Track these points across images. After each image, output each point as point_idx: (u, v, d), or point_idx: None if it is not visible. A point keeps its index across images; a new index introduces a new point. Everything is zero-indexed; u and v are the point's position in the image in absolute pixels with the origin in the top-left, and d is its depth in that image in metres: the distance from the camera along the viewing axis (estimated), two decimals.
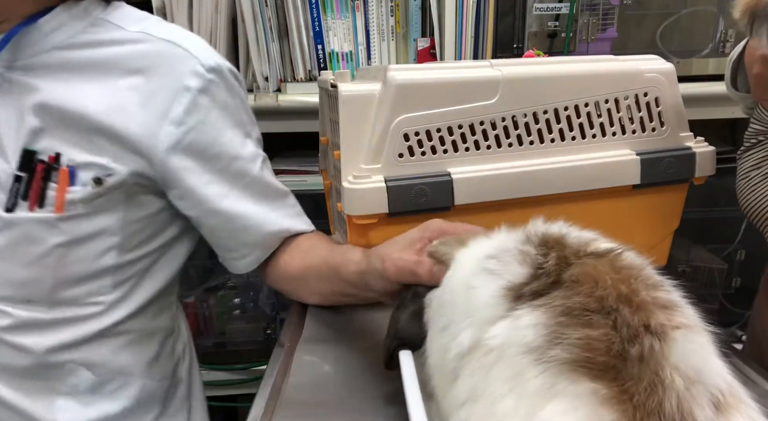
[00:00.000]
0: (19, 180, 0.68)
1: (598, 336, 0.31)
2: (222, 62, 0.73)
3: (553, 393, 0.30)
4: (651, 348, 0.30)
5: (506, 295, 0.36)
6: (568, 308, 0.32)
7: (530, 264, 0.37)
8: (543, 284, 0.35)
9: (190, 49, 0.71)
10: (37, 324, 0.71)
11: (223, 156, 0.73)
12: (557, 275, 0.35)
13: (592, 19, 1.31)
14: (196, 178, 0.72)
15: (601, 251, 0.37)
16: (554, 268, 0.36)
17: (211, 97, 0.71)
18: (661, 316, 0.31)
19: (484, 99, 0.71)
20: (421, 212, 0.71)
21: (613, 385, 0.29)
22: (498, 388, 0.32)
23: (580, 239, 0.39)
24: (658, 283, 0.34)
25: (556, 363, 0.30)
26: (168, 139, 0.69)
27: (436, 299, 0.46)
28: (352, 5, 1.41)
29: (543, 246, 0.38)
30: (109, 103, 0.69)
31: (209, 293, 1.50)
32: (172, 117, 0.69)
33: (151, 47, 0.71)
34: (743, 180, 0.76)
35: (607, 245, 0.38)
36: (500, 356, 0.33)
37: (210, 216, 0.75)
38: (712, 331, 0.34)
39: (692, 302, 0.35)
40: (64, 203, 0.68)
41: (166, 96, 0.69)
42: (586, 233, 0.41)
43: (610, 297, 0.32)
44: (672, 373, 0.29)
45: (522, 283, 0.36)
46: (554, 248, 0.38)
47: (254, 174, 0.75)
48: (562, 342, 0.31)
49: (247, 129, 0.77)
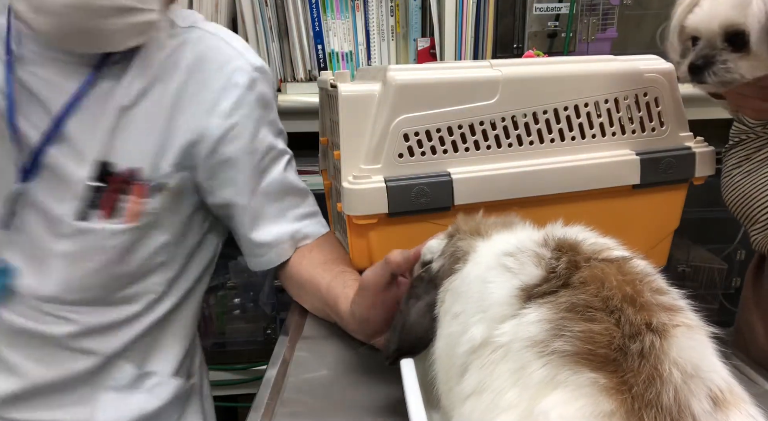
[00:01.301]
0: (96, 190, 0.69)
1: (600, 330, 0.31)
2: (264, 63, 0.77)
3: (555, 384, 0.31)
4: (651, 344, 0.30)
5: (519, 295, 0.37)
6: (573, 305, 0.33)
7: (544, 267, 0.38)
8: (552, 286, 0.36)
9: (238, 48, 0.75)
10: (101, 327, 0.73)
11: (257, 151, 0.75)
12: (566, 277, 0.36)
13: (592, 19, 1.31)
14: (234, 171, 0.74)
15: (611, 257, 0.38)
16: (564, 271, 0.37)
17: (256, 94, 0.74)
18: (664, 316, 0.32)
19: (484, 99, 0.71)
20: (421, 212, 0.71)
21: (612, 376, 0.30)
22: (503, 381, 0.33)
23: (595, 246, 0.40)
24: (663, 289, 0.35)
25: (558, 355, 0.31)
26: (216, 131, 0.72)
27: (452, 289, 0.47)
28: (352, 5, 1.41)
29: (558, 250, 0.39)
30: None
31: (209, 293, 1.50)
32: (221, 110, 0.72)
33: (202, 41, 0.74)
34: (726, 178, 0.79)
35: (619, 253, 0.38)
36: (507, 351, 0.34)
37: (236, 210, 0.77)
38: (714, 333, 0.34)
39: (692, 302, 0.36)
40: (136, 213, 0.71)
41: (216, 90, 0.72)
42: (603, 239, 0.42)
43: (615, 297, 0.33)
44: (671, 367, 0.30)
45: (534, 284, 0.37)
46: (568, 252, 0.38)
47: (279, 171, 0.78)
48: (564, 335, 0.32)
49: (279, 127, 0.81)
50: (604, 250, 0.39)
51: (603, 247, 0.40)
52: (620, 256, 0.38)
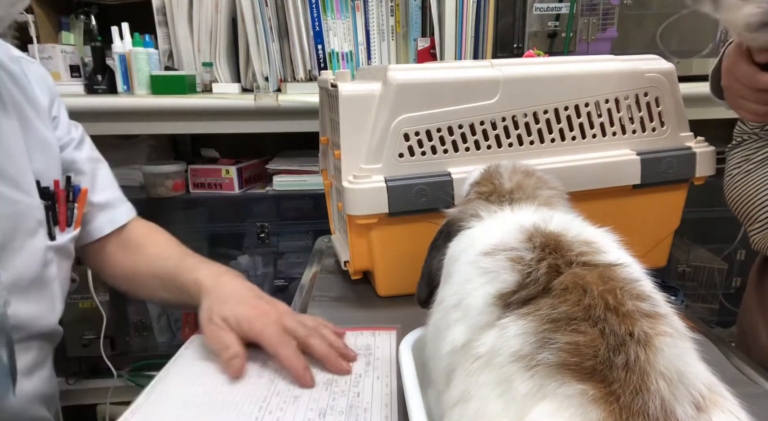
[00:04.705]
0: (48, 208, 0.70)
1: (586, 342, 0.32)
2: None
3: (541, 395, 0.31)
4: (636, 356, 0.31)
5: (496, 303, 0.37)
6: (556, 317, 0.33)
7: (520, 272, 0.37)
8: (531, 292, 0.36)
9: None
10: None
11: None
12: (546, 283, 0.36)
13: (592, 19, 1.31)
14: None
15: (593, 262, 0.37)
16: (544, 277, 0.36)
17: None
18: (645, 324, 0.32)
19: (485, 99, 0.71)
20: (421, 211, 0.71)
21: (600, 386, 0.30)
22: (487, 392, 0.34)
23: (582, 247, 0.39)
24: (644, 295, 0.35)
25: (544, 366, 0.31)
26: None
27: (444, 266, 0.47)
28: (352, 5, 1.41)
29: (541, 249, 0.38)
30: None
31: None
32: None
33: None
34: (728, 177, 0.79)
35: (605, 258, 0.38)
36: (488, 362, 0.35)
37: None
38: (699, 337, 0.35)
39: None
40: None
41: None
42: (597, 236, 0.41)
43: (598, 307, 0.33)
44: (657, 378, 0.30)
45: (510, 292, 0.37)
46: (551, 254, 0.38)
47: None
48: (550, 347, 0.32)
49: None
50: (589, 253, 0.38)
51: (590, 249, 0.39)
52: (602, 261, 0.37)
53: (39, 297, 0.68)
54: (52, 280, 0.70)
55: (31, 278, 0.67)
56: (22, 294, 0.65)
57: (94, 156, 0.80)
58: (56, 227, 0.70)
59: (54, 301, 0.70)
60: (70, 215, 0.72)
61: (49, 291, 0.69)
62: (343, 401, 0.54)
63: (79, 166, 0.76)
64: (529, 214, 0.46)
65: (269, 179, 1.47)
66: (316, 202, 1.45)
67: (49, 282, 0.69)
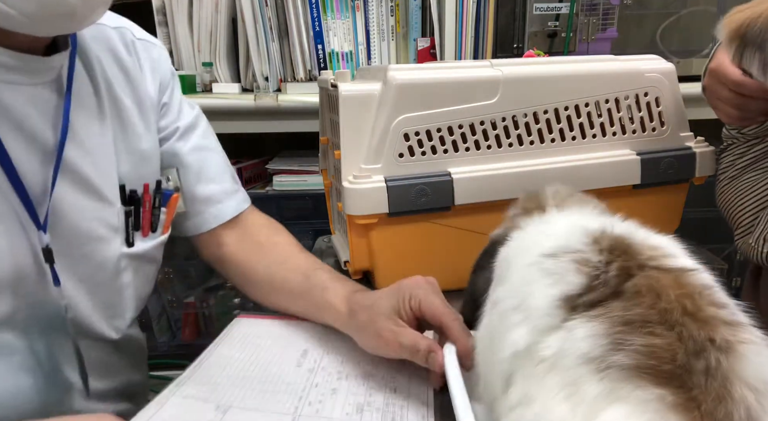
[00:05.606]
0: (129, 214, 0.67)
1: (663, 345, 0.30)
2: None
3: (613, 398, 0.30)
4: (718, 362, 0.29)
5: (561, 306, 0.35)
6: (629, 319, 0.32)
7: (587, 274, 0.36)
8: (599, 295, 0.35)
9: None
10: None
11: None
12: (617, 286, 0.35)
13: (592, 19, 1.31)
14: None
15: (666, 266, 0.36)
16: (615, 279, 0.35)
17: None
18: (726, 331, 0.31)
19: (485, 99, 0.71)
20: (421, 211, 0.71)
21: (679, 392, 0.29)
22: (553, 395, 0.32)
23: (651, 252, 0.37)
24: (722, 303, 0.34)
25: (617, 368, 0.30)
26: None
27: (496, 270, 0.46)
28: (352, 5, 1.41)
29: (609, 252, 0.37)
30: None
31: (209, 293, 1.50)
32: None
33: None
34: (717, 182, 0.79)
35: (676, 263, 0.37)
36: (553, 365, 0.34)
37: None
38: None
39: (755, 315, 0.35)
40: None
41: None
42: (662, 241, 0.40)
43: (675, 311, 0.32)
44: (741, 386, 0.29)
45: (577, 294, 0.35)
46: (620, 256, 0.37)
47: None
48: (624, 349, 0.31)
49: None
50: (658, 257, 0.37)
51: (658, 253, 0.37)
52: (676, 265, 0.36)
53: (105, 304, 0.66)
54: (125, 287, 0.67)
55: (98, 285, 0.65)
56: (87, 300, 0.64)
57: (203, 144, 0.75)
58: (138, 232, 0.68)
59: (124, 307, 0.68)
60: (155, 221, 0.69)
61: (119, 297, 0.67)
62: (379, 397, 0.55)
63: (181, 158, 0.73)
64: (587, 217, 0.45)
65: (269, 179, 1.47)
66: (316, 202, 1.45)
67: (120, 289, 0.67)
